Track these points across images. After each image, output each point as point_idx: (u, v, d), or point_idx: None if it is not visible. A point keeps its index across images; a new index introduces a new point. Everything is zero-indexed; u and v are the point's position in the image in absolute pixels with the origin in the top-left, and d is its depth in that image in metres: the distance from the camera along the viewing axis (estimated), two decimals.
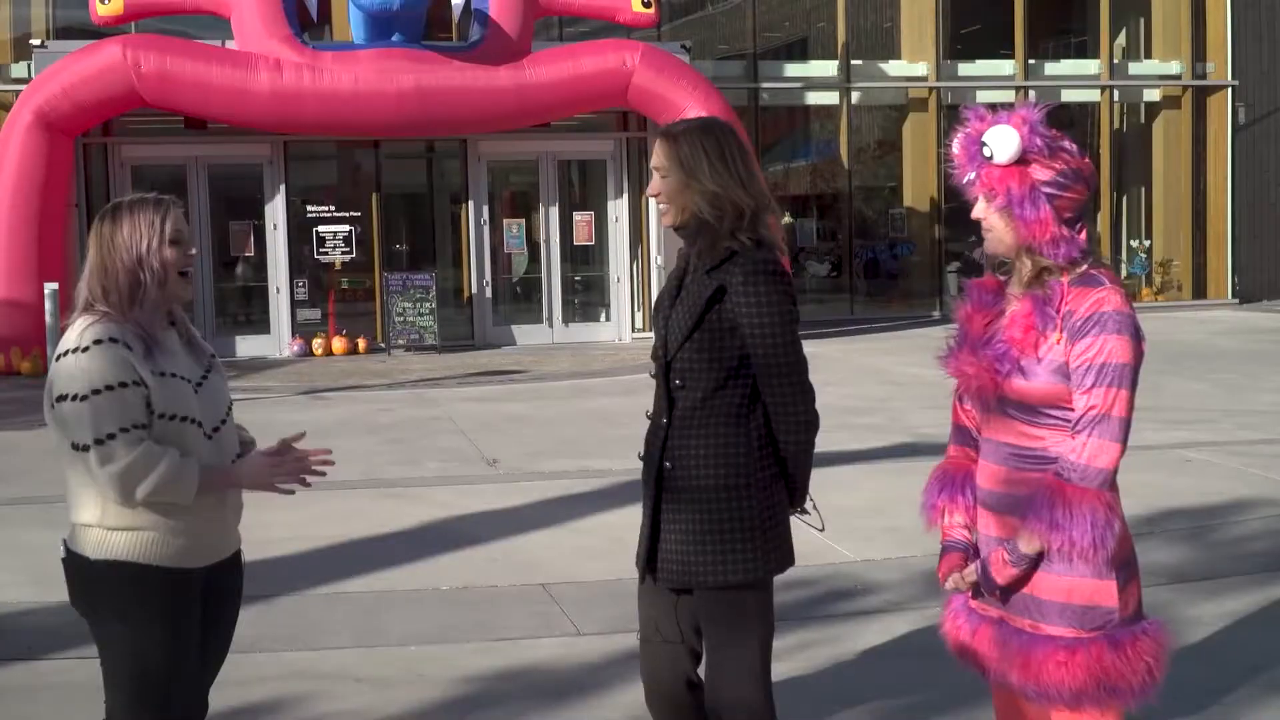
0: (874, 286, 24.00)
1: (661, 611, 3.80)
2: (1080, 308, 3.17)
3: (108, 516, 3.39)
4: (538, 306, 20.03)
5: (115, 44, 16.52)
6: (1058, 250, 3.20)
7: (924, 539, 7.35)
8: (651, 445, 3.75)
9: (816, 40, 24.16)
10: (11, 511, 8.43)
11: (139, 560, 3.39)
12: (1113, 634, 3.21)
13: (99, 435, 3.29)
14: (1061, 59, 24.56)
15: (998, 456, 3.33)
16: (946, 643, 3.55)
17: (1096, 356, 3.13)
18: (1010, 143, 3.19)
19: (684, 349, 3.62)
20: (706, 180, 3.60)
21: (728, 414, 3.63)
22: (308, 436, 3.71)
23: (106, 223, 3.46)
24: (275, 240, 18.85)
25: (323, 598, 6.67)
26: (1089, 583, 3.20)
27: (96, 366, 3.31)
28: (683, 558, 3.65)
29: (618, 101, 18.17)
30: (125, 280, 3.40)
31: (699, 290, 3.62)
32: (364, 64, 17.03)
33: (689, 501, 3.64)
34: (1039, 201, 3.19)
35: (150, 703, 3.44)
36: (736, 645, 3.69)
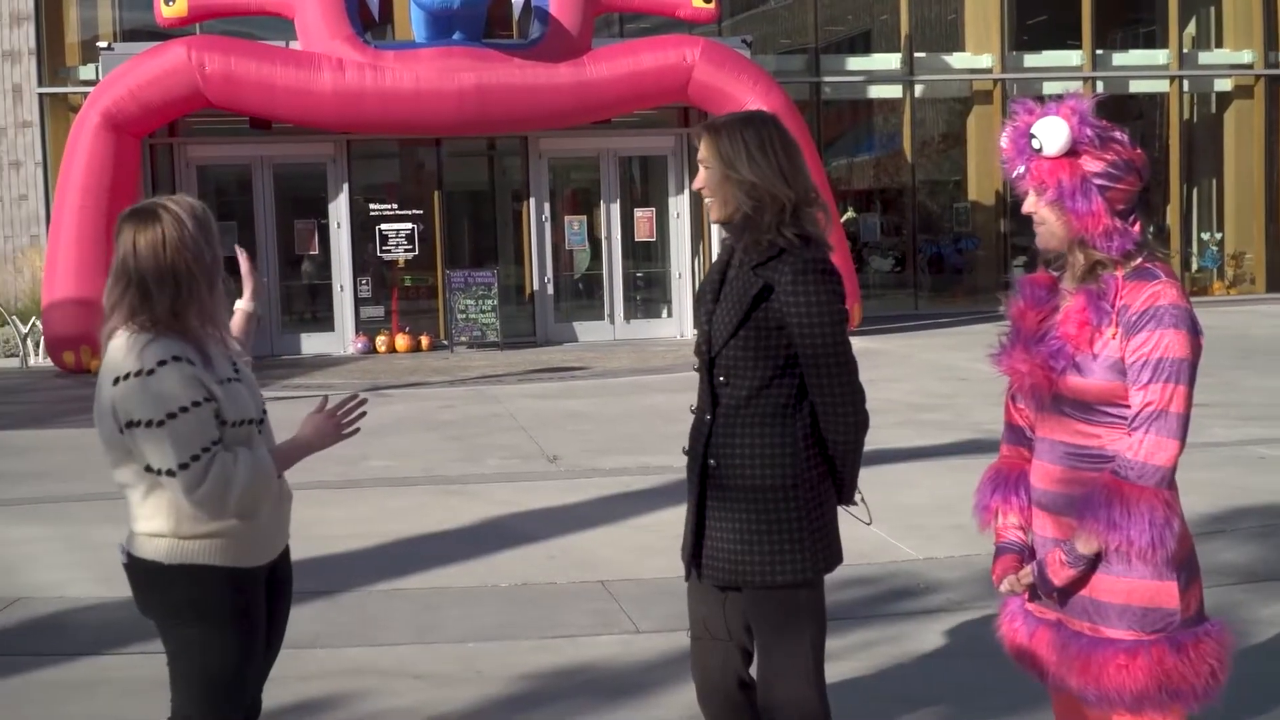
0: (938, 281, 23.81)
1: (710, 609, 3.75)
2: (1135, 302, 3.09)
3: (183, 526, 3.35)
4: (599, 303, 20.03)
5: (180, 45, 16.68)
6: (1110, 243, 3.13)
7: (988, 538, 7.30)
8: (695, 441, 3.70)
9: (879, 33, 24.00)
10: (80, 508, 8.53)
11: (215, 563, 3.37)
12: (1174, 636, 3.14)
13: (183, 460, 3.23)
14: (1130, 49, 24.24)
15: (1053, 455, 3.27)
16: (1004, 645, 3.49)
17: (1153, 352, 3.05)
18: (1059, 134, 3.12)
19: (729, 346, 3.57)
20: (745, 172, 3.54)
21: (773, 412, 3.57)
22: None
23: (145, 224, 3.35)
24: (339, 238, 18.97)
25: (382, 594, 6.68)
26: (1149, 584, 3.14)
27: (168, 389, 3.24)
28: (730, 556, 3.59)
29: (678, 97, 18.12)
30: (172, 288, 3.32)
31: (744, 287, 3.56)
32: (425, 63, 17.09)
33: (734, 500, 3.58)
34: (1090, 193, 3.12)
35: (219, 702, 3.44)
36: (787, 644, 3.63)
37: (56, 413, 13.37)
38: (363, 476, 9.55)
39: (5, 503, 8.99)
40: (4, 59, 19.97)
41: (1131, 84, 23.24)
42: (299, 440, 3.49)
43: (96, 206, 16.29)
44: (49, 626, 6.24)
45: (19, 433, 12.23)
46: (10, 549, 7.69)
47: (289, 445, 3.47)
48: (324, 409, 3.55)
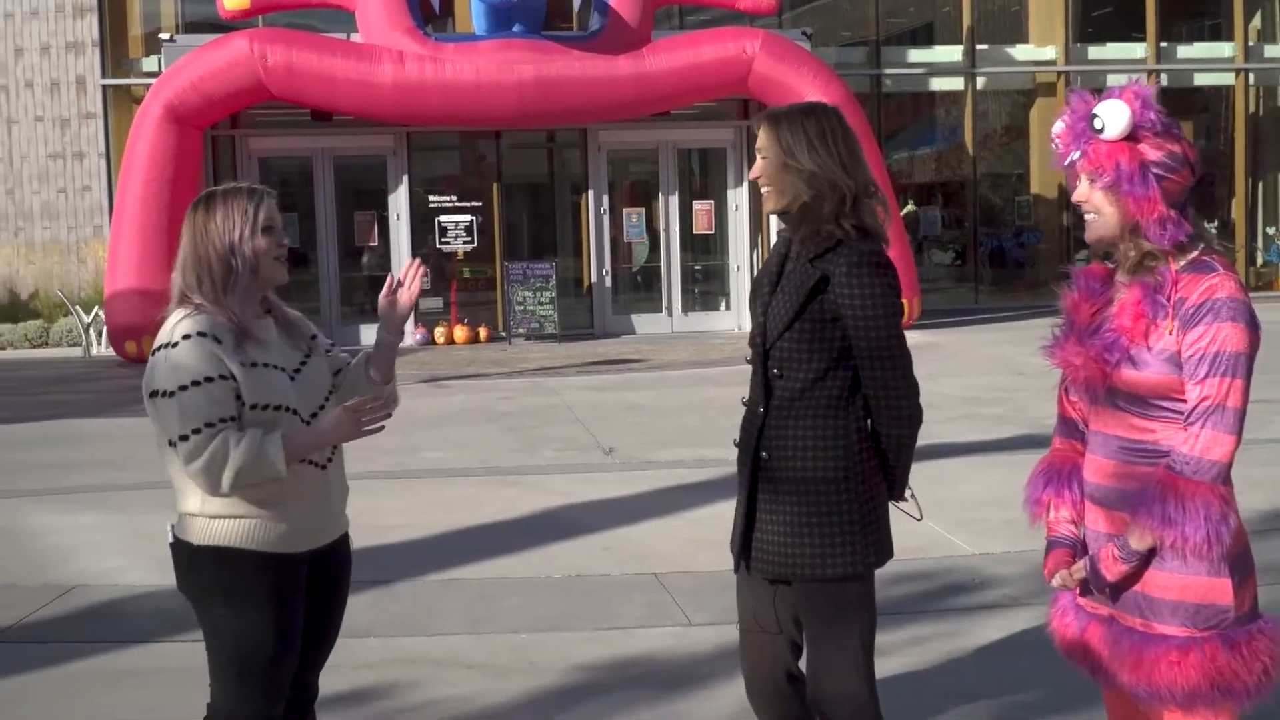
0: (999, 275, 23.62)
1: (760, 602, 3.73)
2: (1192, 295, 3.04)
3: (209, 505, 3.41)
4: (657, 296, 20.02)
5: (243, 38, 16.81)
6: (1164, 232, 3.08)
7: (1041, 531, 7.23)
8: (747, 433, 3.68)
9: (941, 25, 23.82)
10: (137, 497, 8.61)
11: (242, 546, 3.41)
12: (1227, 633, 3.09)
13: (184, 431, 3.31)
14: (1194, 42, 23.93)
15: (1107, 450, 3.22)
16: (1054, 641, 3.45)
17: (1210, 345, 3.00)
18: (1122, 116, 3.09)
19: (784, 338, 3.55)
20: (805, 161, 3.53)
21: (827, 405, 3.55)
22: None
23: (200, 212, 3.48)
24: (398, 230, 19.07)
25: (437, 584, 6.70)
26: (1203, 581, 3.09)
27: (184, 362, 3.33)
28: (780, 549, 3.57)
29: (738, 89, 18.07)
30: (218, 268, 3.42)
31: (801, 279, 3.54)
32: (485, 55, 17.13)
33: (786, 492, 3.56)
34: (1148, 179, 3.08)
35: (253, 687, 3.46)
36: (837, 638, 3.60)
37: (117, 402, 13.52)
38: (419, 467, 9.59)
39: (63, 490, 9.11)
40: (68, 50, 20.22)
41: (1196, 77, 22.95)
42: (316, 430, 3.48)
43: (158, 197, 16.45)
44: (105, 614, 6.31)
45: (80, 421, 12.37)
46: (67, 536, 7.78)
47: (306, 433, 3.47)
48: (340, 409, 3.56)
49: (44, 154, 20.38)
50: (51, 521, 8.14)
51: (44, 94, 20.33)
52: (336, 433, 3.45)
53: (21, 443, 11.23)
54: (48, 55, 20.26)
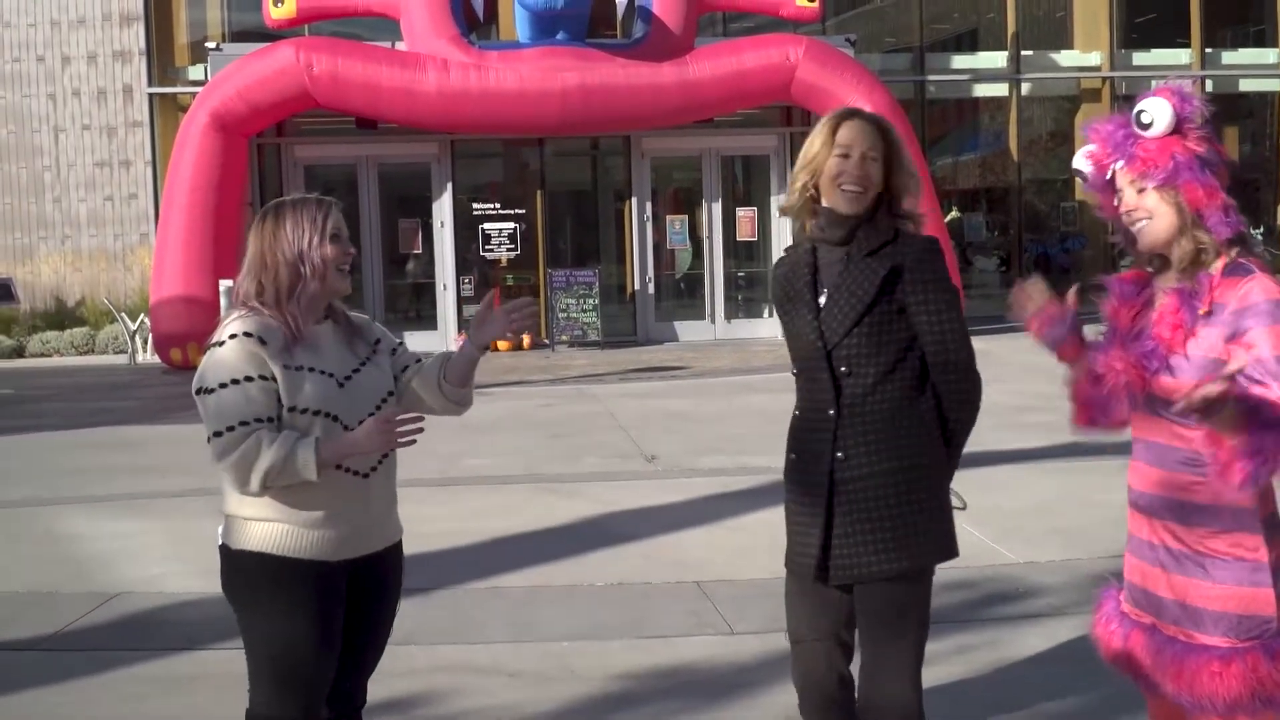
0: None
1: (819, 609, 3.72)
2: (1230, 301, 2.99)
3: (243, 507, 3.46)
4: (700, 303, 20.00)
5: (288, 46, 16.91)
6: (1226, 220, 3.04)
7: (1090, 542, 7.20)
8: (813, 439, 3.66)
9: (986, 31, 23.70)
10: (181, 504, 8.66)
11: (272, 552, 3.43)
12: (1270, 643, 3.04)
13: (217, 429, 3.36)
14: (1239, 48, 23.70)
15: (1149, 457, 3.19)
16: (1098, 647, 3.41)
17: (1259, 350, 2.91)
18: (1166, 110, 3.07)
19: (851, 334, 3.57)
20: (910, 165, 3.66)
21: (902, 396, 3.59)
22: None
23: (270, 220, 3.52)
24: (442, 238, 19.13)
25: (478, 592, 6.70)
26: (1245, 590, 3.05)
27: (226, 361, 3.37)
28: (861, 549, 3.56)
29: (781, 96, 18.04)
30: (286, 275, 3.47)
31: (865, 274, 3.58)
32: (529, 63, 17.16)
33: (870, 488, 3.56)
34: (1199, 169, 3.06)
35: (289, 692, 3.47)
36: (898, 640, 3.60)
37: (162, 409, 13.62)
38: (461, 474, 9.60)
39: (108, 497, 9.16)
40: (114, 59, 20.40)
41: (1241, 83, 22.73)
42: (349, 438, 3.46)
43: (204, 205, 16.58)
44: (148, 621, 6.33)
45: (125, 428, 12.45)
46: (112, 543, 7.82)
47: (339, 441, 3.45)
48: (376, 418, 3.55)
49: (91, 162, 20.56)
50: (95, 528, 8.19)
51: (91, 102, 20.52)
52: (367, 442, 3.43)
53: (66, 449, 11.32)
54: (95, 64, 20.45)
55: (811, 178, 3.66)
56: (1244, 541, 3.07)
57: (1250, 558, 3.05)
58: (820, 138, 3.65)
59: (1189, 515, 3.12)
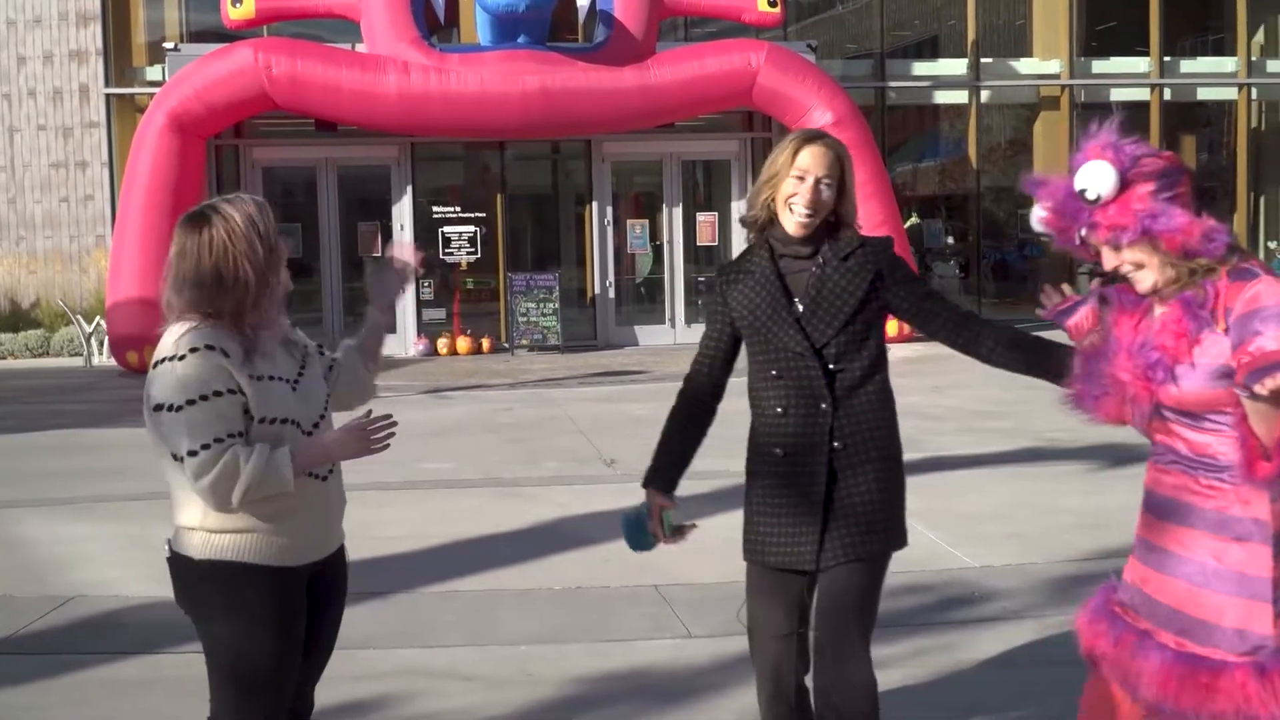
0: (1003, 288, 23.60)
1: (785, 602, 3.83)
2: (1237, 305, 2.98)
3: (209, 519, 3.37)
4: (660, 307, 20.02)
5: (247, 47, 16.83)
6: (1211, 243, 3.02)
7: (1046, 547, 7.25)
8: (807, 432, 3.75)
9: (946, 38, 23.82)
10: (137, 507, 8.59)
11: (244, 560, 3.36)
12: (1262, 661, 3.01)
13: (193, 447, 3.25)
14: (1198, 56, 23.92)
15: (1163, 460, 3.19)
16: (1079, 637, 3.40)
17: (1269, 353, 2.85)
18: (1107, 174, 3.05)
19: (841, 334, 3.72)
20: (853, 191, 3.83)
21: (883, 386, 3.81)
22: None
23: (197, 227, 3.36)
24: (402, 241, 19.03)
25: (436, 595, 6.68)
26: (1244, 604, 3.02)
27: (192, 375, 3.26)
28: (855, 532, 3.72)
29: (742, 101, 18.08)
30: (222, 284, 3.32)
31: (849, 279, 3.74)
32: (490, 66, 17.14)
33: (867, 474, 3.74)
34: (1169, 209, 3.03)
35: (255, 702, 3.42)
36: (861, 623, 3.72)
37: (118, 412, 13.49)
38: (420, 478, 9.57)
39: (64, 501, 9.08)
40: (71, 59, 20.23)
41: (1199, 91, 22.93)
42: (322, 444, 3.44)
43: (161, 207, 16.45)
44: (103, 624, 6.28)
45: (81, 431, 12.35)
46: (67, 547, 7.76)
47: (312, 447, 3.42)
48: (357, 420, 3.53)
49: (47, 163, 20.38)
50: (50, 532, 8.12)
51: (47, 103, 20.34)
52: (341, 450, 3.42)
53: (22, 452, 11.22)
54: (51, 64, 20.26)
55: (771, 194, 3.78)
56: (1249, 554, 3.03)
57: (1252, 572, 3.02)
58: (784, 156, 3.76)
59: (1195, 522, 3.11)
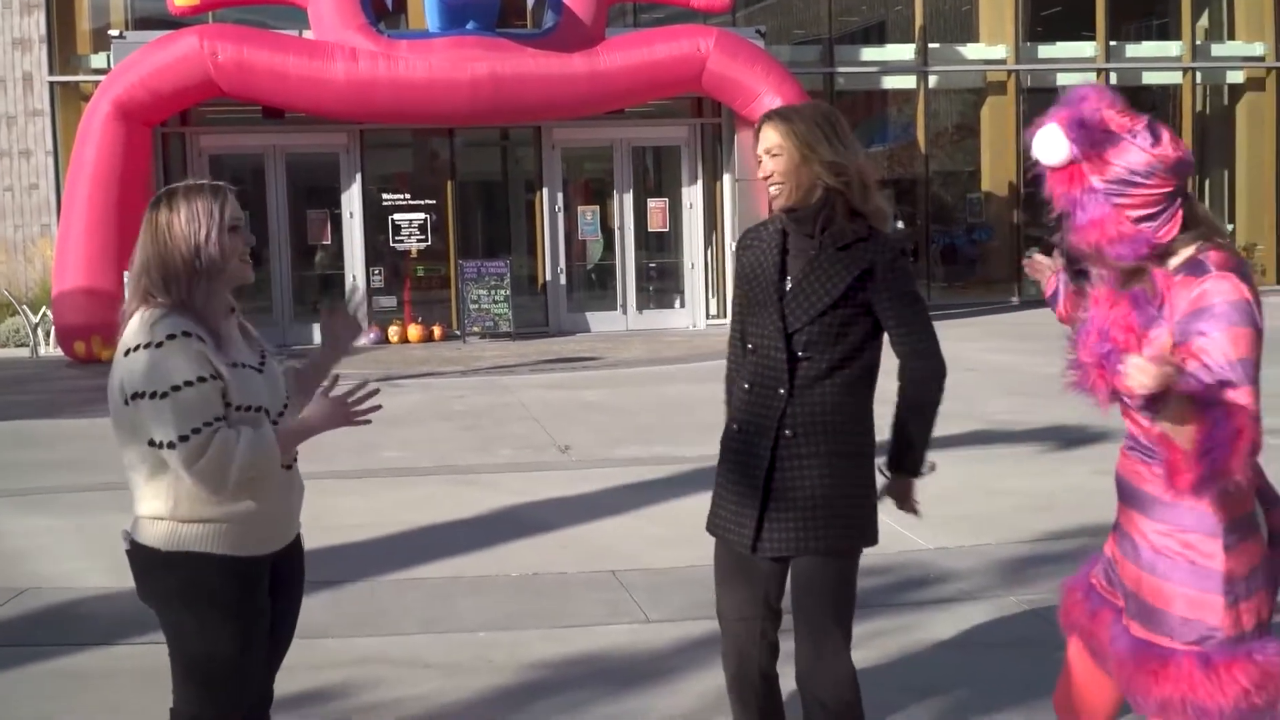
0: (951, 272, 23.77)
1: (751, 583, 3.82)
2: (1182, 303, 2.95)
3: (180, 509, 3.35)
4: (612, 293, 20.03)
5: (193, 34, 16.69)
6: (1123, 252, 3.01)
7: (997, 528, 7.34)
8: (762, 413, 3.75)
9: (894, 24, 23.92)
10: (91, 498, 8.54)
11: (210, 551, 3.36)
12: (1208, 652, 3.04)
13: (183, 432, 3.23)
14: (1143, 41, 24.15)
15: (1127, 445, 3.23)
16: (1059, 607, 3.47)
17: (1209, 358, 2.86)
18: (1056, 144, 3.01)
19: (815, 323, 3.68)
20: (826, 153, 3.68)
21: (852, 384, 3.73)
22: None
23: (162, 211, 3.37)
24: (352, 228, 18.99)
25: (393, 584, 6.69)
26: (1193, 594, 3.05)
27: (175, 363, 3.25)
28: (798, 525, 3.68)
29: (692, 87, 18.10)
30: (184, 269, 3.33)
31: (835, 270, 3.68)
32: (438, 52, 17.08)
33: (813, 469, 3.68)
34: (1099, 201, 3.00)
35: (219, 692, 3.43)
36: (834, 615, 3.73)
37: (67, 402, 13.41)
38: (375, 466, 9.56)
39: (16, 493, 9.01)
40: (15, 47, 19.99)
41: (1145, 76, 23.15)
42: (306, 421, 3.46)
43: (107, 196, 16.32)
44: (59, 616, 6.25)
45: (30, 423, 12.24)
46: (21, 539, 7.70)
47: (295, 425, 3.45)
48: (333, 391, 3.54)
49: None
50: (3, 524, 8.06)
51: None
52: (322, 422, 3.44)
53: None
54: None
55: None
56: (1197, 544, 3.05)
57: (1201, 563, 3.03)
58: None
59: (1148, 508, 3.14)
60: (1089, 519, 6.90)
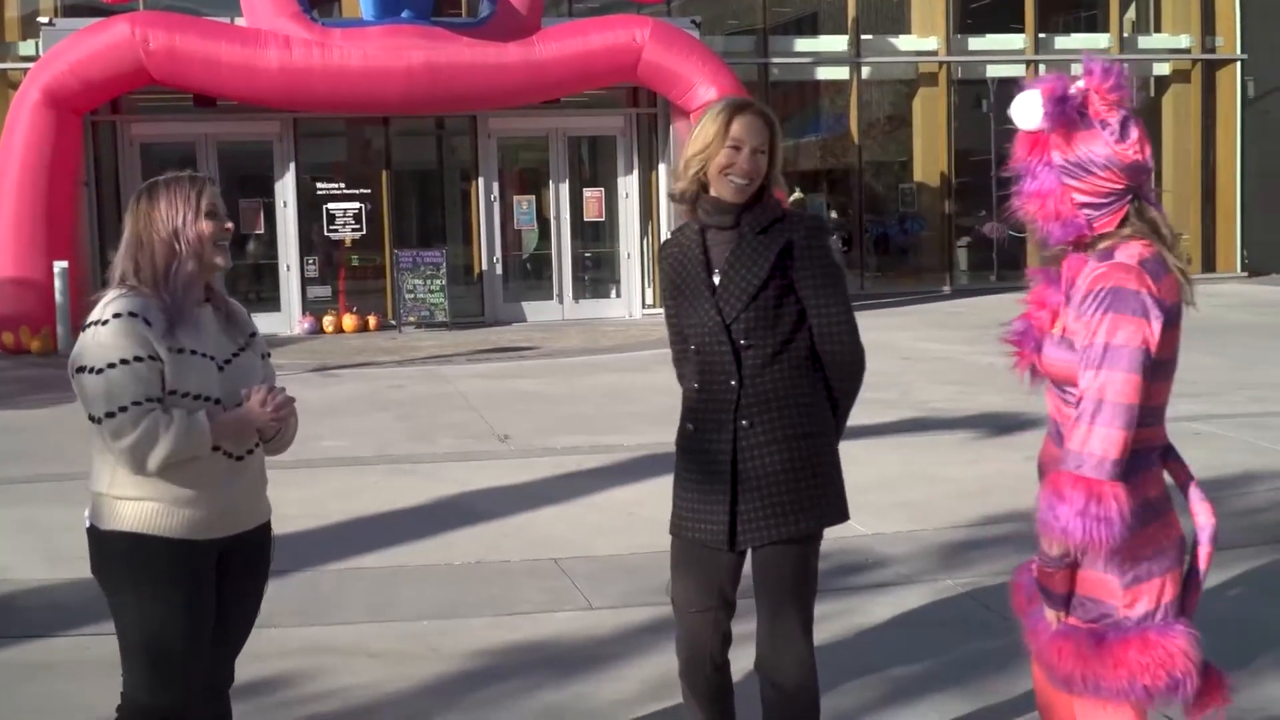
0: (884, 262, 23.97)
1: (709, 576, 3.84)
2: (1082, 284, 3.04)
3: (115, 485, 3.44)
4: (548, 283, 20.05)
5: (124, 21, 16.53)
6: (1054, 229, 3.10)
7: (933, 514, 7.46)
8: (715, 409, 3.78)
9: (827, 15, 24.06)
10: (26, 490, 8.46)
11: (144, 531, 3.43)
12: (1100, 630, 3.11)
13: (111, 409, 3.34)
14: (1072, 33, 24.45)
15: (1049, 429, 3.30)
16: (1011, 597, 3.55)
17: (1091, 337, 2.96)
18: (1031, 109, 3.09)
19: (750, 308, 3.71)
20: (779, 162, 3.82)
21: (799, 365, 3.77)
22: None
23: (144, 200, 3.52)
24: (285, 218, 18.88)
25: (336, 573, 6.70)
26: (1090, 575, 3.12)
27: (113, 341, 3.35)
28: (768, 513, 3.71)
29: (628, 77, 18.15)
30: (161, 255, 3.46)
31: (759, 252, 3.73)
32: (373, 41, 17.01)
33: (774, 454, 3.71)
34: (1046, 175, 3.08)
35: (163, 675, 3.47)
36: (798, 600, 3.78)
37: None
38: (314, 456, 9.52)
39: None
40: None
41: (1073, 68, 23.32)
42: (239, 413, 3.51)
43: (36, 185, 16.13)
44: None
45: None
46: None
47: (232, 414, 3.50)
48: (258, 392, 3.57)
49: None
50: None
51: None
52: (254, 415, 3.50)
53: None
54: None
55: (703, 166, 3.77)
56: None
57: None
58: (714, 127, 3.74)
59: None
60: (1022, 504, 6.97)
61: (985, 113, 23.25)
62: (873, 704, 4.90)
